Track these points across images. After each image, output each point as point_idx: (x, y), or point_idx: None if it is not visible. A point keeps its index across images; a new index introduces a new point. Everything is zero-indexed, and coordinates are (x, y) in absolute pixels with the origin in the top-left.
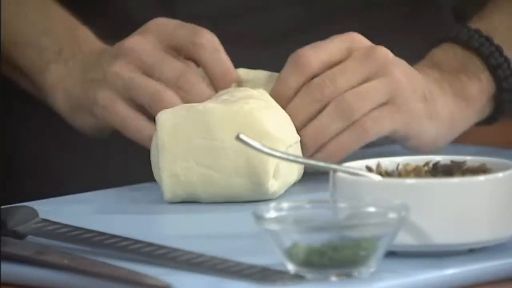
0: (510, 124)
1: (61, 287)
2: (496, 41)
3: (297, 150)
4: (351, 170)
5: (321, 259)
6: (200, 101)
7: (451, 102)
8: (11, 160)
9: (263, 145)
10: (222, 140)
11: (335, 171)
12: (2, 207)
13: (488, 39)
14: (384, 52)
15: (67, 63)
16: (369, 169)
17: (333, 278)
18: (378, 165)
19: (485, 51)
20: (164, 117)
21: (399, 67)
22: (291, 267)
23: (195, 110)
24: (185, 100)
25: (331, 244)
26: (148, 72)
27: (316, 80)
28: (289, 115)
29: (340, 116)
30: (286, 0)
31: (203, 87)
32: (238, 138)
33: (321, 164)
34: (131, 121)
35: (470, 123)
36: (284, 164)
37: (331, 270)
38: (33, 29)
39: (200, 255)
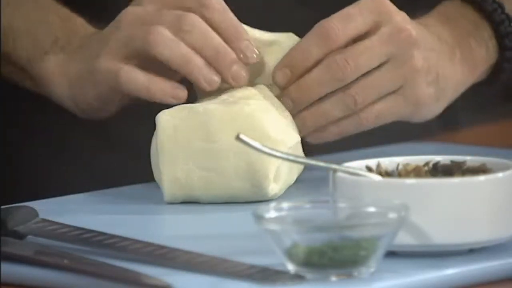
0: (510, 124)
1: (61, 287)
2: (508, 9)
3: (297, 151)
4: (351, 170)
5: (321, 259)
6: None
7: (458, 70)
8: (11, 160)
9: (264, 146)
10: (222, 143)
11: (335, 171)
12: (2, 207)
13: (500, 6)
14: (409, 34)
15: (64, 50)
16: (369, 169)
17: (333, 278)
18: (378, 165)
19: (497, 18)
20: (164, 118)
21: (420, 51)
22: (291, 267)
23: (195, 112)
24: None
25: (331, 244)
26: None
27: (339, 58)
28: (303, 86)
29: (343, 108)
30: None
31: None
32: (238, 138)
33: (321, 164)
34: (141, 80)
35: (467, 86)
36: (284, 166)
37: (331, 270)
38: (27, 20)
39: (200, 255)
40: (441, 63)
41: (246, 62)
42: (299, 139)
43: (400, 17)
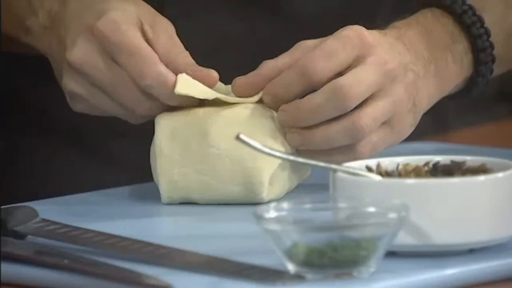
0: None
1: (61, 287)
2: (486, 18)
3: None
4: (351, 170)
5: (321, 259)
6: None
7: (431, 85)
8: (11, 160)
9: (263, 146)
10: (218, 147)
11: (335, 171)
12: (2, 207)
13: (480, 19)
14: (393, 67)
15: (37, 15)
16: (369, 169)
17: (333, 278)
18: (378, 165)
19: (475, 32)
20: (163, 121)
21: (403, 83)
22: (291, 267)
23: (194, 116)
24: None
25: (331, 244)
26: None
27: (341, 84)
28: (304, 108)
29: (350, 136)
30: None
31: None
32: (238, 138)
33: (321, 164)
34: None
35: (438, 100)
36: (283, 171)
37: (331, 270)
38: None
39: (200, 255)
40: (418, 85)
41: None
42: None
43: (381, 48)
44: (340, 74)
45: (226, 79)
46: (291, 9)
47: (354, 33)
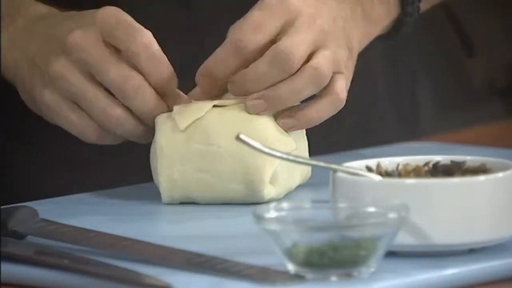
0: (510, 124)
1: (61, 287)
2: None
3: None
4: (351, 170)
5: (321, 259)
6: (148, 110)
7: (361, 27)
8: (11, 160)
9: (263, 146)
10: (219, 146)
11: (335, 171)
12: (2, 207)
13: None
14: (324, 21)
15: (8, 30)
16: (369, 169)
17: (333, 278)
18: (378, 165)
19: None
20: (163, 120)
21: (336, 34)
22: (291, 267)
23: None
24: (133, 109)
25: (331, 244)
26: (92, 73)
27: (282, 50)
28: (251, 78)
29: (312, 80)
30: None
31: (148, 94)
32: (238, 138)
33: (321, 164)
34: (76, 124)
35: (369, 41)
36: (284, 170)
37: (331, 270)
38: None
39: (200, 255)
40: (347, 28)
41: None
42: (295, 146)
43: (307, 7)
44: (274, 41)
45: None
46: None
47: (277, 0)
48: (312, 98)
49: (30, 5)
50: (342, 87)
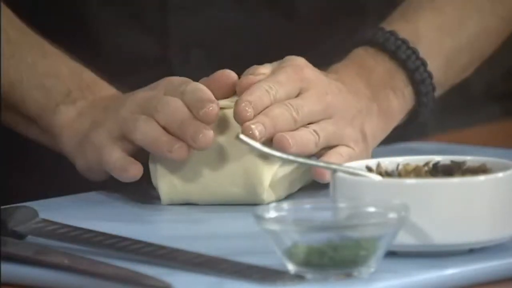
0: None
1: (61, 287)
2: (421, 48)
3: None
4: (351, 170)
5: (321, 259)
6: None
7: (375, 123)
8: (11, 160)
9: (263, 146)
10: (218, 149)
11: (335, 171)
12: (2, 207)
13: (414, 52)
14: (334, 99)
15: (76, 104)
16: (369, 169)
17: (333, 278)
18: (378, 165)
19: (411, 66)
20: None
21: (349, 114)
22: (291, 267)
23: None
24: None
25: (331, 244)
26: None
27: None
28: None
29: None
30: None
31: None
32: (238, 138)
33: (321, 164)
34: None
35: (385, 136)
36: (284, 174)
37: (331, 270)
38: (34, 71)
39: (200, 255)
40: (362, 119)
41: (208, 123)
42: None
43: (321, 83)
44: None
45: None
46: (290, 2)
47: (293, 68)
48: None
49: (102, 87)
50: (337, 159)
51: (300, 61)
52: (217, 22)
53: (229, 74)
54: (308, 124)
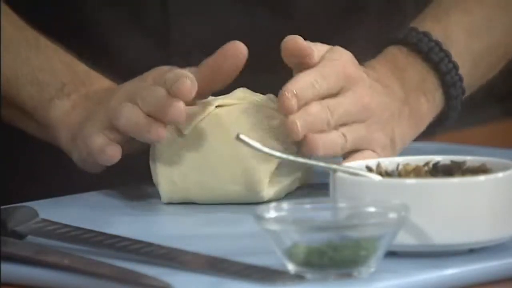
0: (510, 124)
1: (61, 287)
2: (452, 50)
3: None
4: (351, 170)
5: (321, 259)
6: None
7: (406, 127)
8: (11, 160)
9: (263, 146)
10: (217, 147)
11: (335, 171)
12: (2, 207)
13: (447, 55)
14: (371, 102)
15: (70, 97)
16: (369, 169)
17: (333, 278)
18: (378, 165)
19: (444, 68)
20: None
21: (380, 122)
22: (291, 267)
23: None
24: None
25: (331, 244)
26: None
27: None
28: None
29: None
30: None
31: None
32: (238, 138)
33: (321, 164)
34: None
35: (412, 139)
36: (282, 171)
37: (331, 270)
38: (28, 65)
39: (200, 255)
40: (393, 124)
41: (182, 98)
42: (295, 148)
43: (362, 83)
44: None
45: None
46: (291, 4)
47: (341, 64)
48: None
49: (96, 80)
50: None
51: (347, 56)
52: (219, 26)
53: (239, 46)
54: (341, 125)
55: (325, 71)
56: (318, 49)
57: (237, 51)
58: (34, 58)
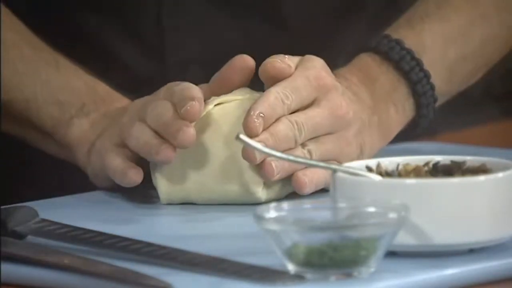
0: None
1: (61, 287)
2: (426, 58)
3: None
4: (351, 170)
5: (321, 259)
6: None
7: (375, 136)
8: (11, 160)
9: (263, 146)
10: (215, 147)
11: (335, 171)
12: (2, 207)
13: (418, 64)
14: (346, 112)
15: (89, 116)
16: (369, 169)
17: (333, 278)
18: (378, 165)
19: (414, 78)
20: None
21: (353, 130)
22: (291, 267)
23: None
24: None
25: (331, 244)
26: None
27: (295, 120)
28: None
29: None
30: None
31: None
32: (238, 138)
33: (321, 164)
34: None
35: (380, 148)
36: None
37: (331, 270)
38: (48, 87)
39: (200, 255)
40: (364, 133)
41: (190, 121)
42: None
43: (336, 92)
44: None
45: None
46: (284, 15)
47: (314, 74)
48: None
49: (116, 99)
50: (316, 178)
51: (320, 64)
52: (214, 39)
53: (246, 59)
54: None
55: (297, 84)
56: (293, 62)
57: (244, 64)
58: (54, 78)
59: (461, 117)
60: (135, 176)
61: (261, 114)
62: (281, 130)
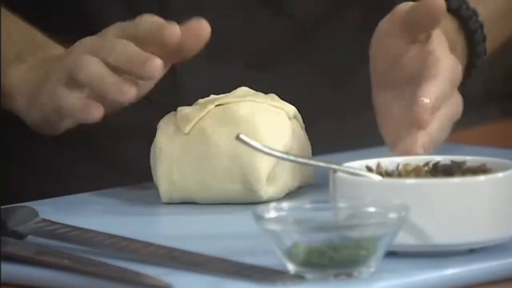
0: (510, 124)
1: (61, 287)
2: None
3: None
4: (351, 170)
5: (321, 259)
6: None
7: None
8: (11, 160)
9: (263, 146)
10: (216, 146)
11: (335, 171)
12: (2, 207)
13: (475, 13)
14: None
15: (26, 61)
16: (369, 169)
17: (333, 278)
18: (378, 165)
19: (472, 26)
20: (165, 122)
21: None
22: (291, 267)
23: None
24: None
25: (331, 244)
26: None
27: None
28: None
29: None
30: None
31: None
32: (238, 138)
33: (321, 164)
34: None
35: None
36: (282, 170)
37: (331, 270)
38: None
39: (200, 255)
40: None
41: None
42: (292, 142)
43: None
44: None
45: (227, 75)
46: (291, 4)
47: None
48: None
49: (54, 47)
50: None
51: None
52: (214, 23)
53: (204, 25)
54: None
55: (447, 78)
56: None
57: (201, 30)
58: None
59: (461, 117)
60: (96, 111)
61: (430, 105)
62: (434, 127)
